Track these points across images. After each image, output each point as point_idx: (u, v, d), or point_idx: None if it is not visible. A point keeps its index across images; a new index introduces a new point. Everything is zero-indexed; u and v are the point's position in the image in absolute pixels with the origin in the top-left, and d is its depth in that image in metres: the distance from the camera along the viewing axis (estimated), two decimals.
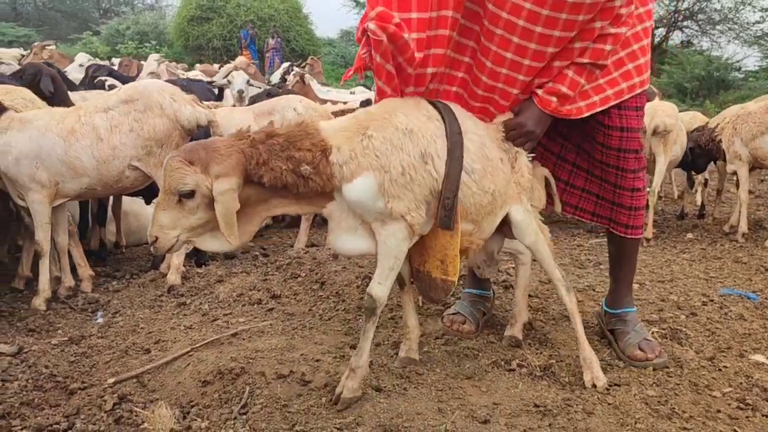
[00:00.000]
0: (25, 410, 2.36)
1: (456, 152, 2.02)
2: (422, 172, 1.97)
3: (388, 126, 1.98)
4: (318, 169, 1.93)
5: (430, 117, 2.06)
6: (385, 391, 2.22)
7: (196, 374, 2.42)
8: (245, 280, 3.45)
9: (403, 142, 1.96)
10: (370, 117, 2.03)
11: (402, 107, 2.06)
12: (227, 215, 1.84)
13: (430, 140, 2.00)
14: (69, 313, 3.34)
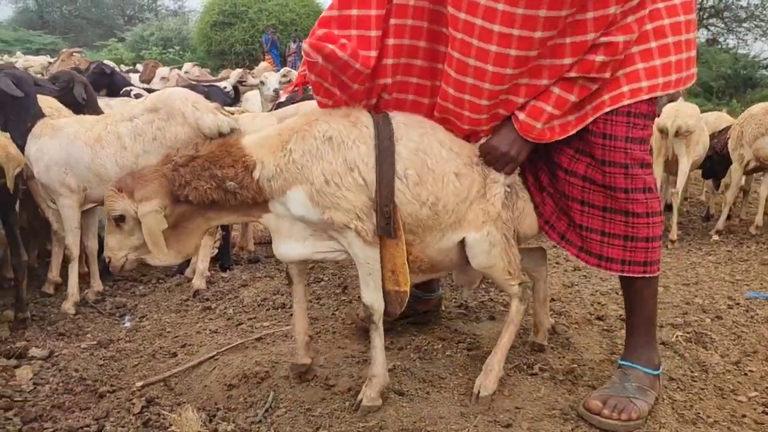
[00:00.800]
0: (56, 413, 2.42)
1: (385, 158, 1.99)
2: (349, 179, 1.98)
3: (308, 137, 2.00)
4: (243, 185, 2.01)
5: (357, 123, 2.04)
6: (408, 395, 2.24)
7: (222, 378, 2.46)
8: (269, 284, 3.49)
9: (323, 150, 1.98)
10: (292, 129, 2.06)
11: (325, 116, 2.08)
12: (151, 234, 2.01)
13: (352, 146, 1.99)
14: (97, 318, 3.41)
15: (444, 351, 2.57)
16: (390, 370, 2.38)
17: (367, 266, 2.07)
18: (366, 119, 2.06)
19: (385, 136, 2.01)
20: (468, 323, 2.89)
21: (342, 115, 2.07)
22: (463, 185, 2.11)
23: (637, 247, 2.13)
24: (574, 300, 3.28)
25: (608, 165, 2.10)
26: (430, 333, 2.73)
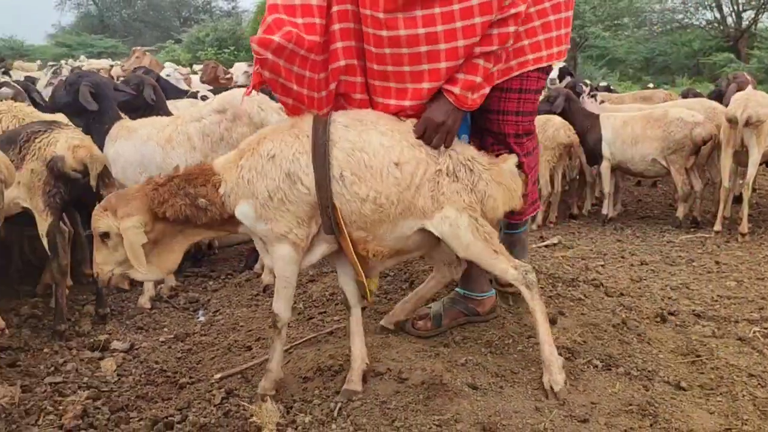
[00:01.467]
0: (140, 403, 2.53)
1: (319, 163, 2.11)
2: (294, 191, 2.12)
3: (255, 155, 2.16)
4: (212, 201, 2.19)
5: (299, 135, 2.16)
6: (482, 389, 2.25)
7: (297, 371, 2.52)
8: (336, 279, 3.54)
9: (266, 168, 2.13)
10: (246, 147, 2.22)
11: (272, 133, 2.23)
12: (132, 248, 2.16)
13: (293, 160, 2.12)
14: (172, 312, 3.53)
15: (515, 346, 2.57)
16: (462, 364, 2.41)
17: (285, 279, 2.27)
18: (307, 128, 2.17)
19: (319, 143, 2.12)
20: None
21: (288, 128, 2.21)
22: (405, 173, 2.15)
23: None
24: (643, 295, 3.23)
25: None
26: (500, 328, 2.73)
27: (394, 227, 2.20)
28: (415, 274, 3.45)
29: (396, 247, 2.27)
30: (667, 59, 22.25)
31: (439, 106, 2.24)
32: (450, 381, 2.28)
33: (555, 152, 5.58)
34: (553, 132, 5.58)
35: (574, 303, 3.00)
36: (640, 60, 22.50)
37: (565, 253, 4.26)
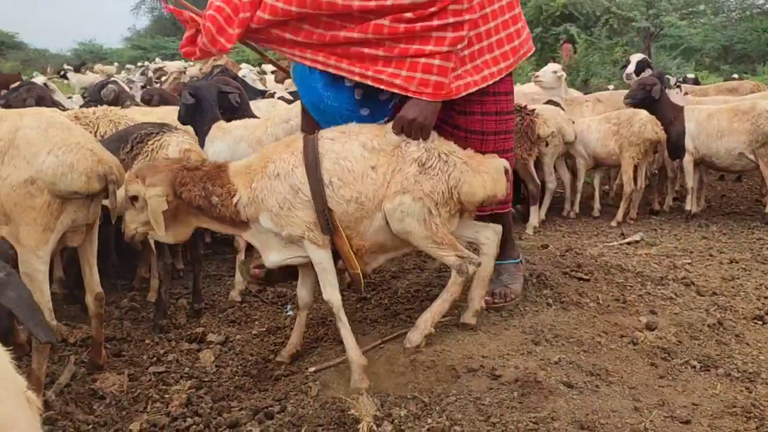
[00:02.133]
0: (240, 393, 2.65)
1: (313, 174, 2.44)
2: (298, 200, 2.46)
3: (264, 176, 2.50)
4: (225, 204, 2.52)
5: (295, 152, 2.51)
6: (577, 388, 2.25)
7: (389, 366, 2.57)
8: (420, 276, 3.59)
9: (274, 185, 2.48)
10: (254, 168, 2.54)
11: (273, 155, 2.55)
12: (153, 213, 2.48)
13: (292, 174, 2.47)
14: (262, 306, 3.65)
15: (608, 345, 2.56)
16: (555, 362, 2.41)
17: (321, 265, 2.55)
18: (300, 145, 2.52)
19: (311, 156, 2.46)
20: (628, 317, 2.85)
21: (285, 147, 2.57)
22: (379, 174, 2.49)
23: None
24: (738, 294, 3.15)
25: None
26: (591, 326, 2.72)
27: (372, 221, 2.52)
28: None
29: (377, 241, 2.58)
30: (747, 47, 21.27)
31: (411, 104, 2.52)
32: (544, 379, 2.29)
33: (640, 148, 5.46)
34: (639, 127, 5.45)
35: (665, 302, 2.96)
36: (717, 48, 21.60)
37: (649, 251, 4.17)
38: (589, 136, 5.69)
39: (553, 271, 3.44)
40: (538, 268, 3.46)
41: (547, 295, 3.11)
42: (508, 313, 2.97)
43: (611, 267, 3.52)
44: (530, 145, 5.23)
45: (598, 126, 5.69)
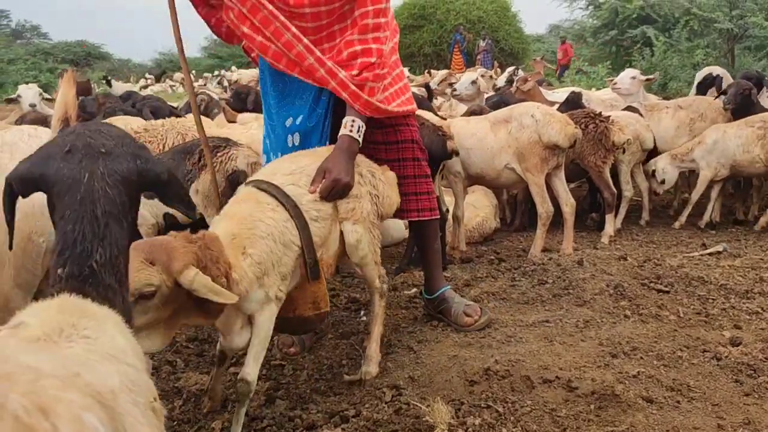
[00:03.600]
0: (316, 396, 2.71)
1: (302, 223, 2.30)
2: (287, 255, 2.27)
3: (257, 240, 2.20)
4: (228, 282, 2.05)
5: (274, 208, 2.28)
6: (657, 403, 2.21)
7: (463, 374, 2.59)
8: (493, 284, 3.59)
9: (270, 245, 2.22)
10: (239, 235, 2.18)
11: (254, 212, 2.25)
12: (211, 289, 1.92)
13: (284, 229, 2.26)
14: (335, 311, 3.72)
15: (689, 359, 2.49)
16: (634, 376, 2.37)
17: (266, 341, 2.28)
18: (272, 200, 2.30)
19: (292, 205, 2.31)
20: (711, 331, 2.77)
21: (257, 207, 2.27)
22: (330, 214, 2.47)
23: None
24: None
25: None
26: (671, 340, 2.66)
27: (333, 233, 2.49)
28: (574, 282, 3.41)
29: (337, 253, 2.54)
30: None
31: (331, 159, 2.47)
32: (622, 392, 2.25)
33: None
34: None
35: (750, 317, 2.85)
36: None
37: (733, 262, 4.01)
38: (726, 143, 5.42)
39: (631, 282, 3.37)
40: (615, 278, 3.40)
41: (625, 306, 3.06)
42: (584, 324, 2.94)
43: (692, 279, 3.42)
44: (605, 153, 5.12)
45: (738, 131, 5.41)
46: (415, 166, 2.90)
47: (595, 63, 16.58)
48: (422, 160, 2.94)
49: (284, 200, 2.30)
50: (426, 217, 2.96)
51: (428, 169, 2.99)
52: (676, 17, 14.59)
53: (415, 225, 3.07)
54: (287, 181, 2.38)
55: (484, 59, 18.41)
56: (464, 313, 2.98)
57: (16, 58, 25.36)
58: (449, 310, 3.04)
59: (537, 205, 4.55)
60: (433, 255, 3.15)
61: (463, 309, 2.99)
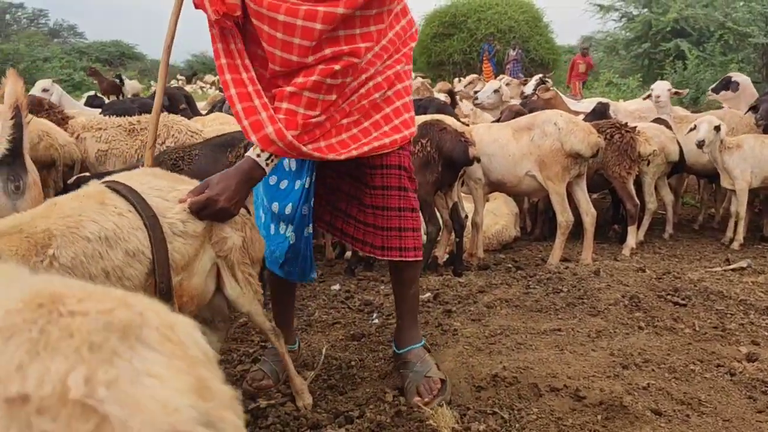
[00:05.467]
0: (328, 394, 2.70)
1: (158, 235, 1.86)
2: (133, 266, 1.82)
3: (77, 240, 1.72)
4: None
5: (121, 212, 1.84)
6: (666, 416, 2.16)
7: (470, 379, 2.56)
8: (507, 291, 3.56)
9: (98, 251, 1.75)
10: (49, 232, 1.70)
11: (86, 210, 1.80)
12: None
13: (129, 237, 1.82)
14: (348, 313, 3.72)
15: (702, 373, 2.44)
16: (644, 388, 2.32)
17: None
18: (121, 203, 1.87)
19: (149, 215, 1.88)
20: (726, 346, 2.70)
21: (99, 208, 1.83)
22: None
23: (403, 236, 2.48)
24: None
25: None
26: (684, 353, 2.60)
27: (201, 260, 2.06)
28: (589, 291, 3.37)
29: (202, 287, 2.09)
30: None
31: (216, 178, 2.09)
32: (631, 404, 2.21)
33: None
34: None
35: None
36: None
37: (756, 279, 3.92)
38: (764, 152, 5.20)
39: (648, 294, 3.32)
40: (631, 289, 3.34)
41: (639, 318, 3.01)
42: (596, 333, 2.90)
43: (711, 293, 3.35)
44: (630, 163, 5.06)
45: None
46: (400, 197, 2.46)
47: (626, 75, 16.41)
48: (410, 191, 2.48)
49: (140, 207, 1.88)
50: (409, 258, 2.49)
51: (416, 202, 2.53)
52: (710, 31, 14.39)
53: (394, 265, 2.57)
54: (152, 193, 1.96)
55: (513, 69, 18.31)
56: (416, 390, 2.47)
57: (51, 57, 25.92)
58: (405, 377, 2.56)
59: (557, 214, 4.50)
60: (409, 302, 2.65)
61: (421, 382, 2.48)
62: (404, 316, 2.67)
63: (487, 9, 23.35)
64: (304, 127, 2.11)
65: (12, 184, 2.47)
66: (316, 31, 2.04)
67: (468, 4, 23.67)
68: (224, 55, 2.21)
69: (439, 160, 4.18)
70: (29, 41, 28.58)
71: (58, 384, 0.63)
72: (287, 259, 2.53)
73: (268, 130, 2.06)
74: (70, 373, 0.64)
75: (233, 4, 2.14)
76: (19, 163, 2.49)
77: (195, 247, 2.00)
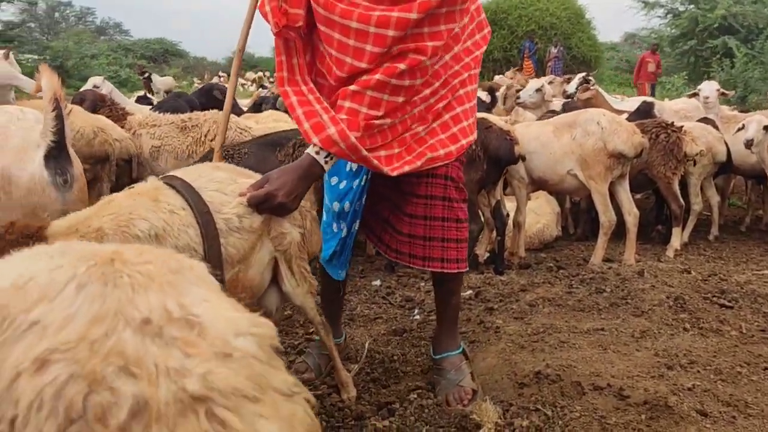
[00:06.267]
0: (371, 386, 2.75)
1: (210, 232, 1.89)
2: None
3: (127, 239, 1.78)
4: None
5: (173, 209, 1.88)
6: (711, 417, 2.15)
7: (513, 376, 2.58)
8: (550, 290, 3.56)
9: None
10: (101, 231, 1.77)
11: (138, 208, 1.84)
12: None
13: (180, 234, 1.85)
14: (389, 309, 3.77)
15: (749, 375, 2.42)
16: (689, 388, 2.32)
17: None
18: (175, 200, 1.90)
19: (202, 211, 1.91)
20: None
21: (153, 206, 1.87)
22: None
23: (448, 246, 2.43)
24: None
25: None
26: (731, 355, 2.58)
27: (259, 252, 2.09)
28: (633, 292, 3.35)
29: (259, 279, 2.14)
30: None
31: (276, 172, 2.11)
32: (676, 404, 2.21)
33: None
34: None
35: None
36: None
37: None
38: None
39: (693, 295, 3.29)
40: (676, 290, 3.32)
41: (685, 319, 2.99)
42: (640, 334, 2.89)
43: (759, 296, 3.30)
44: (675, 164, 4.99)
45: None
46: (445, 207, 2.39)
47: (672, 73, 16.09)
48: (456, 201, 2.41)
49: (194, 203, 1.91)
50: (452, 270, 2.44)
51: (463, 213, 2.45)
52: (759, 28, 14.04)
53: (437, 275, 2.54)
54: (211, 186, 2.00)
55: (554, 66, 18.12)
56: (446, 398, 2.45)
57: (98, 54, 26.58)
58: (438, 383, 2.56)
59: (599, 214, 4.48)
60: (450, 310, 2.63)
61: (452, 390, 2.46)
62: (444, 322, 2.65)
63: (528, 5, 23.10)
64: (366, 129, 2.08)
65: (60, 178, 2.53)
66: (389, 38, 2.05)
67: (509, 1, 23.45)
68: (286, 69, 2.25)
69: (484, 158, 4.20)
70: (77, 39, 29.38)
71: (162, 310, 0.90)
72: (335, 253, 2.58)
73: (330, 131, 2.05)
74: (166, 302, 0.92)
75: (295, 15, 2.16)
76: (64, 155, 2.55)
77: (251, 241, 2.03)
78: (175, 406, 0.81)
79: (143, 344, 0.85)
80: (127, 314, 0.88)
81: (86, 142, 4.08)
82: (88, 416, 0.79)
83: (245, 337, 0.93)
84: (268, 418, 0.88)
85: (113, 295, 0.91)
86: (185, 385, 0.83)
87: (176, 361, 0.85)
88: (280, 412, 0.90)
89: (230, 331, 0.92)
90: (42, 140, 2.47)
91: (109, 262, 0.97)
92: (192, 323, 0.90)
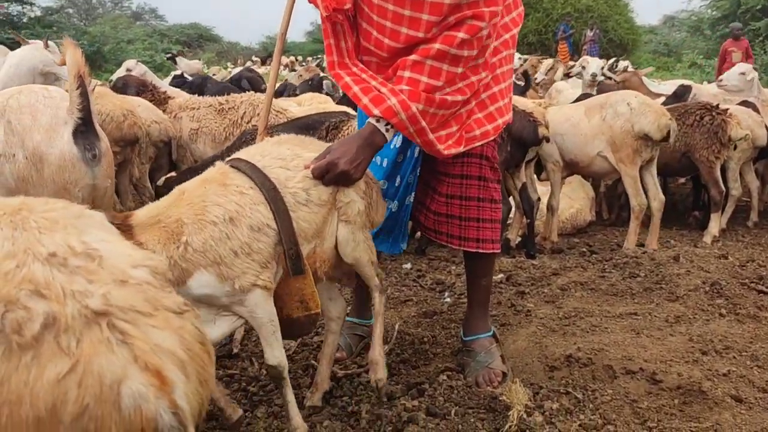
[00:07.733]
0: (401, 367, 2.77)
1: (280, 207, 1.93)
2: (260, 240, 1.92)
3: (205, 226, 1.86)
4: None
5: (242, 190, 1.94)
6: (747, 403, 2.12)
7: (544, 359, 2.57)
8: (582, 274, 3.53)
9: (225, 231, 1.87)
10: (175, 219, 1.86)
11: (209, 195, 1.92)
12: None
13: (252, 213, 1.92)
14: (420, 291, 3.78)
15: None
16: (724, 374, 2.29)
17: (271, 324, 2.00)
18: (242, 181, 1.97)
19: (268, 188, 1.96)
20: None
21: (222, 189, 1.94)
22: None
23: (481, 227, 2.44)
24: None
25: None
26: (767, 341, 2.54)
27: (331, 224, 2.14)
28: (668, 277, 3.30)
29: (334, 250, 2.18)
30: None
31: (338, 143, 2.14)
32: (710, 389, 2.18)
33: None
34: None
35: None
36: None
37: None
38: None
39: (730, 281, 3.23)
40: (712, 276, 3.27)
41: (721, 305, 2.94)
42: (675, 319, 2.86)
43: None
44: (719, 147, 4.86)
45: None
46: (480, 187, 2.40)
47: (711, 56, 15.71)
48: (491, 181, 2.43)
49: (260, 182, 1.96)
50: (487, 250, 2.45)
51: (498, 193, 2.47)
52: None
53: (470, 256, 2.54)
54: (275, 164, 2.05)
55: (590, 50, 17.80)
56: (475, 380, 2.45)
57: (135, 39, 26.92)
58: (467, 364, 2.55)
59: (630, 198, 4.43)
60: (482, 291, 2.62)
61: (482, 372, 2.46)
62: (474, 304, 2.64)
63: None
64: (427, 102, 2.09)
65: (89, 153, 2.58)
66: (445, 6, 2.06)
67: None
68: (336, 53, 2.29)
69: (507, 139, 4.16)
70: (114, 24, 29.77)
71: (66, 246, 1.11)
72: (381, 230, 2.54)
73: (391, 101, 2.07)
74: (69, 240, 1.12)
75: None
76: (91, 130, 2.59)
77: (322, 214, 2.08)
78: (81, 319, 1.00)
79: (51, 273, 1.05)
80: (36, 250, 1.08)
81: (116, 125, 4.13)
82: (6, 330, 0.97)
83: (140, 268, 1.15)
84: (161, 329, 1.06)
85: (22, 237, 1.11)
86: (88, 303, 1.02)
87: (80, 285, 1.05)
88: (171, 324, 1.08)
89: (127, 263, 1.14)
90: (69, 117, 2.52)
91: (17, 211, 1.17)
92: (93, 256, 1.11)
